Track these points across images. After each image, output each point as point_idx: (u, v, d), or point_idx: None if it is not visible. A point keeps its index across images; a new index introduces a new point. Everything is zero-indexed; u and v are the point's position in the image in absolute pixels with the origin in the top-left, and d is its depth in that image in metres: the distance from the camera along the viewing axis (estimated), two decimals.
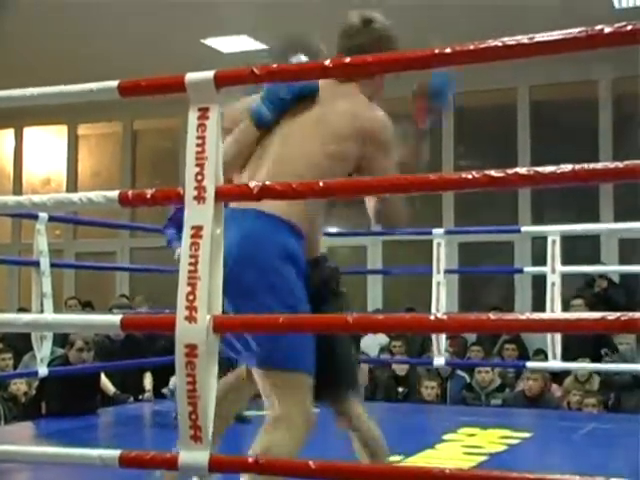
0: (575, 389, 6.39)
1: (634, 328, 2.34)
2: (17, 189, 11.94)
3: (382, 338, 7.79)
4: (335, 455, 2.83)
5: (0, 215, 7.84)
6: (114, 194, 2.31)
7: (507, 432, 4.47)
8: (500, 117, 9.91)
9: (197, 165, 2.17)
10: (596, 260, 8.41)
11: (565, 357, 5.72)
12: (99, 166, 12.00)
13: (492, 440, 4.30)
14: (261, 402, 2.71)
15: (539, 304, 6.01)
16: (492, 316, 2.05)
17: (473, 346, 7.62)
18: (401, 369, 6.90)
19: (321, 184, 2.19)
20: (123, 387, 6.59)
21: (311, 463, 2.09)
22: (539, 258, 6.23)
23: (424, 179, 2.21)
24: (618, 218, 8.80)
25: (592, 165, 1.97)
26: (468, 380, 6.99)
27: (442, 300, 5.60)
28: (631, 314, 1.87)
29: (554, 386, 6.69)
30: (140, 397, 6.84)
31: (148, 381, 7.09)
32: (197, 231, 2.14)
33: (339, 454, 2.74)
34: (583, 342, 6.69)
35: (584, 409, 6.13)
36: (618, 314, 1.88)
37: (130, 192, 2.33)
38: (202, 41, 8.59)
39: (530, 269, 7.35)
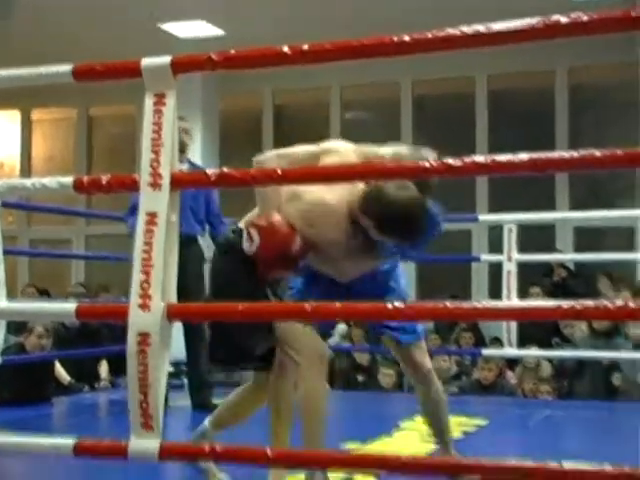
0: (528, 377, 6.47)
1: (588, 316, 2.37)
2: None
3: (342, 326, 7.80)
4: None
5: None
6: (68, 180, 2.28)
7: (463, 419, 4.50)
8: (458, 106, 9.96)
9: (153, 152, 2.14)
10: (552, 249, 8.51)
11: (521, 345, 5.80)
12: (53, 152, 11.83)
13: None
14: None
15: (496, 292, 6.06)
16: (449, 304, 2.06)
17: (430, 334, 7.66)
18: (362, 358, 6.92)
19: (279, 171, 2.18)
20: (79, 376, 6.52)
21: (269, 451, 2.08)
22: (496, 246, 6.27)
23: (380, 167, 2.21)
24: (574, 207, 8.92)
25: (548, 154, 1.99)
26: None
27: None
28: (585, 302, 1.89)
29: (509, 373, 6.76)
30: (96, 386, 6.78)
31: (104, 369, 7.03)
32: (152, 218, 2.12)
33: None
34: (538, 330, 6.78)
35: (538, 396, 6.21)
36: (572, 302, 1.90)
37: (85, 178, 2.30)
38: (159, 25, 8.50)
39: (487, 257, 7.41)
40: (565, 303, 1.90)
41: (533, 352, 6.28)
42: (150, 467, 2.51)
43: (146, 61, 2.14)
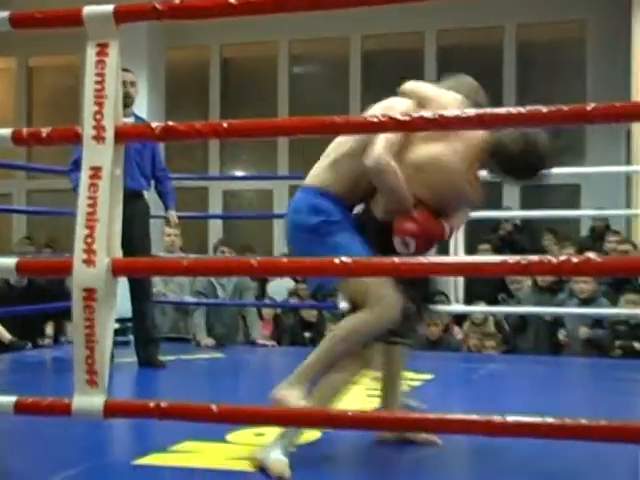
0: (474, 332, 6.55)
1: (533, 271, 2.39)
2: None
3: (289, 282, 7.80)
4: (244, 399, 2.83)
5: None
6: (7, 132, 2.21)
7: (410, 374, 4.54)
8: (407, 61, 9.93)
9: (96, 104, 2.09)
10: (499, 205, 8.59)
11: (468, 301, 5.87)
12: None
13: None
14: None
15: (443, 249, 6.10)
16: (396, 260, 2.06)
17: None
18: (309, 314, 6.93)
19: (225, 125, 2.14)
20: (24, 335, 6.44)
21: (214, 407, 2.07)
22: None
23: (330, 121, 2.19)
24: None
25: (495, 110, 1.99)
26: None
27: None
28: (530, 257, 1.90)
29: (455, 329, 6.84)
30: (40, 343, 6.71)
31: (50, 327, 6.96)
32: (96, 172, 2.08)
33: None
34: (485, 286, 6.86)
35: (483, 351, 6.30)
36: (518, 257, 1.91)
37: (24, 130, 2.24)
38: None
39: None
40: (510, 258, 1.91)
41: (479, 308, 6.36)
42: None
43: (88, 9, 2.08)
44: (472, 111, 2.02)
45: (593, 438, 1.92)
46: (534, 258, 1.90)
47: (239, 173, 10.77)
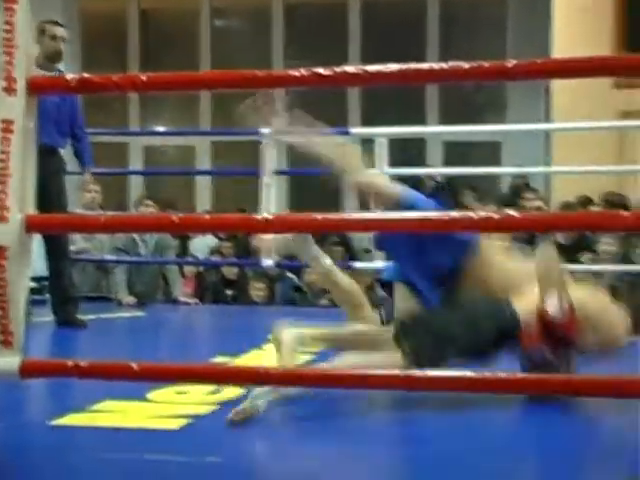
0: None
1: (454, 227, 2.41)
2: None
3: (211, 240, 7.74)
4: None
5: None
6: None
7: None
8: (331, 15, 9.85)
9: (5, 53, 2.00)
10: (422, 163, 8.65)
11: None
12: None
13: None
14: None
15: (365, 206, 6.11)
16: (319, 216, 2.04)
17: None
18: (231, 272, 6.89)
19: (144, 77, 2.08)
20: None
21: (134, 365, 2.04)
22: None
23: (252, 75, 2.14)
24: (443, 121, 9.06)
25: (418, 65, 1.97)
26: (297, 281, 7.07)
27: (271, 202, 5.59)
28: (451, 213, 1.91)
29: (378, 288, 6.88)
30: None
31: None
32: (7, 125, 2.00)
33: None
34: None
35: None
36: (440, 214, 1.92)
37: None
38: None
39: None
40: (433, 214, 1.91)
41: None
42: None
43: None
44: (395, 66, 2.00)
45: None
46: (455, 214, 1.91)
47: (160, 129, 10.56)
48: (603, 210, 6.30)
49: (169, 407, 2.77)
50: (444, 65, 1.93)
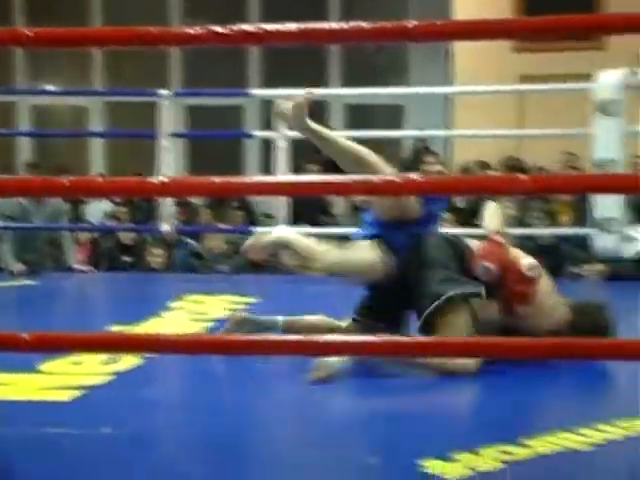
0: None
1: (356, 191, 2.38)
2: None
3: (106, 205, 7.54)
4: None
5: None
6: None
7: (234, 298, 4.50)
8: None
9: None
10: (324, 126, 8.58)
11: (294, 223, 5.80)
12: None
13: (218, 306, 4.31)
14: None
15: (269, 170, 6.05)
16: (217, 179, 1.98)
17: (205, 209, 7.53)
18: (128, 238, 6.72)
19: (29, 33, 1.96)
20: None
21: (25, 335, 1.95)
22: (269, 123, 6.20)
23: (145, 32, 2.05)
24: (346, 84, 9.01)
25: (317, 25, 1.92)
26: (196, 247, 6.95)
27: (169, 165, 5.46)
28: (348, 178, 1.87)
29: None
30: None
31: None
32: None
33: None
34: (310, 208, 6.84)
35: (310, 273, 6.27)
36: (340, 177, 1.88)
37: None
38: None
39: (259, 133, 7.36)
40: (333, 178, 1.87)
41: (303, 229, 6.31)
42: None
43: None
44: (294, 25, 1.94)
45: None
46: (358, 178, 1.88)
47: (50, 88, 10.02)
48: (502, 174, 6.41)
49: (62, 378, 2.71)
50: (344, 25, 1.89)
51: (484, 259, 3.08)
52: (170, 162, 5.47)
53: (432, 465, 2.05)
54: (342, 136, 7.91)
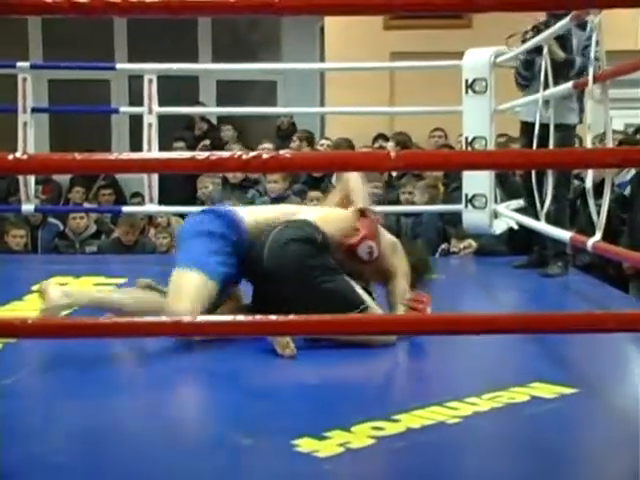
0: (159, 233, 6.37)
1: (223, 168, 2.32)
2: None
3: None
4: None
5: None
6: None
7: (101, 279, 4.36)
8: None
9: None
10: (195, 102, 8.45)
11: (163, 201, 5.65)
12: None
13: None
14: None
15: (137, 147, 5.88)
16: (78, 156, 1.88)
17: (76, 187, 7.28)
18: None
19: None
20: None
21: None
22: (137, 99, 6.02)
23: None
24: (217, 59, 8.87)
25: None
26: (62, 228, 6.71)
27: (30, 142, 5.23)
28: (220, 153, 1.81)
29: (151, 230, 6.68)
30: None
31: None
32: None
33: None
34: (180, 186, 6.67)
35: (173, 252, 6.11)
36: (208, 153, 1.82)
37: None
38: None
39: (126, 109, 7.15)
40: (201, 154, 1.82)
41: (172, 208, 6.13)
42: None
43: None
44: None
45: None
46: (224, 154, 1.82)
47: None
48: (369, 150, 6.45)
49: None
50: None
51: (367, 239, 3.08)
52: (31, 139, 5.24)
53: (305, 443, 2.04)
54: (215, 113, 7.82)
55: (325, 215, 3.25)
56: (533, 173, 4.44)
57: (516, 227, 5.07)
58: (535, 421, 2.29)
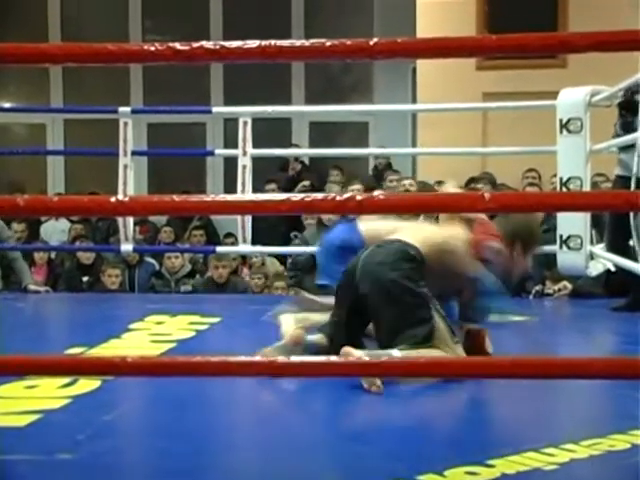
0: (254, 273, 6.44)
1: (317, 209, 2.35)
2: None
3: (64, 224, 7.43)
4: None
5: None
6: None
7: (196, 318, 4.42)
8: None
9: None
10: (288, 143, 8.56)
11: (257, 241, 5.73)
12: None
13: (180, 327, 4.20)
14: None
15: (231, 188, 5.98)
16: (176, 198, 1.94)
17: (165, 227, 7.45)
18: (86, 257, 6.60)
19: None
20: None
21: None
22: (232, 141, 6.15)
23: (105, 49, 2.00)
24: (309, 101, 8.99)
25: (279, 42, 1.89)
26: (157, 267, 6.85)
27: (129, 184, 5.39)
28: (314, 195, 1.84)
29: (244, 270, 6.76)
30: None
31: None
32: None
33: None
34: (274, 226, 6.76)
35: (273, 292, 6.18)
36: (302, 195, 1.85)
37: None
38: None
39: (221, 151, 7.31)
40: (294, 195, 1.85)
41: (266, 249, 6.22)
42: None
43: None
44: (254, 42, 1.91)
45: None
46: (318, 195, 1.85)
47: (6, 105, 9.81)
48: (464, 191, 6.39)
49: (16, 402, 2.61)
50: (305, 42, 1.87)
51: (487, 240, 3.08)
52: (131, 181, 5.40)
53: None
54: (306, 155, 7.93)
55: (425, 233, 3.25)
56: (631, 215, 4.33)
57: (613, 269, 4.95)
58: (637, 470, 2.22)
